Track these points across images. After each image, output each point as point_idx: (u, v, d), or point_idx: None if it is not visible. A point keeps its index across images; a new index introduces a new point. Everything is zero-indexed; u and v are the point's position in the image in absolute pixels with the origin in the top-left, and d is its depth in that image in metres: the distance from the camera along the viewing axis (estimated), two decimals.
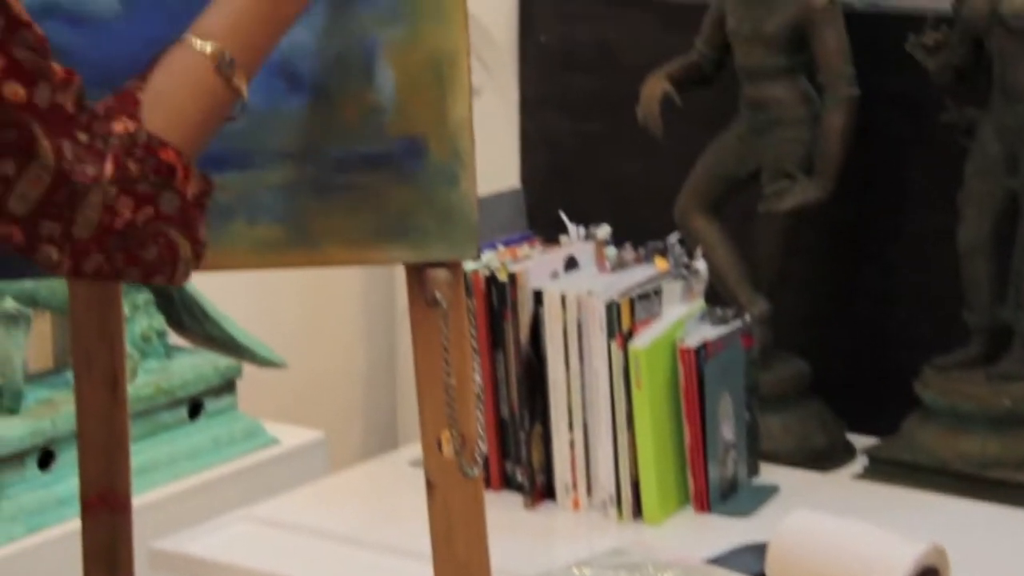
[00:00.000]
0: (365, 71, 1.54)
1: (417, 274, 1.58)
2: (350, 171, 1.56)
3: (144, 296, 2.64)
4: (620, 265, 2.55)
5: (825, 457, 2.64)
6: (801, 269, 2.75)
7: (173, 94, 1.30)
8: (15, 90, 1.19)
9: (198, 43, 1.32)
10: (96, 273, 1.27)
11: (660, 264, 2.55)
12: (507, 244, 2.60)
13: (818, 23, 2.59)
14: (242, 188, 1.55)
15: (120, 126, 1.26)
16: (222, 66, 1.32)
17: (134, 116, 1.27)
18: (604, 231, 2.59)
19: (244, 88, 1.34)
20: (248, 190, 1.55)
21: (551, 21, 3.00)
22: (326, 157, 1.55)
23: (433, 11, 1.54)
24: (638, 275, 2.52)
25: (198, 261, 1.33)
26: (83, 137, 1.24)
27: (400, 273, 1.67)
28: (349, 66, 1.54)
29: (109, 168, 1.24)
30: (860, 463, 2.63)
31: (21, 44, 1.19)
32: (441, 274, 1.58)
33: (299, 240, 1.56)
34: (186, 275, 1.34)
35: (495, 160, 2.94)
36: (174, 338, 2.69)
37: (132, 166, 1.25)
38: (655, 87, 2.69)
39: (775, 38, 2.61)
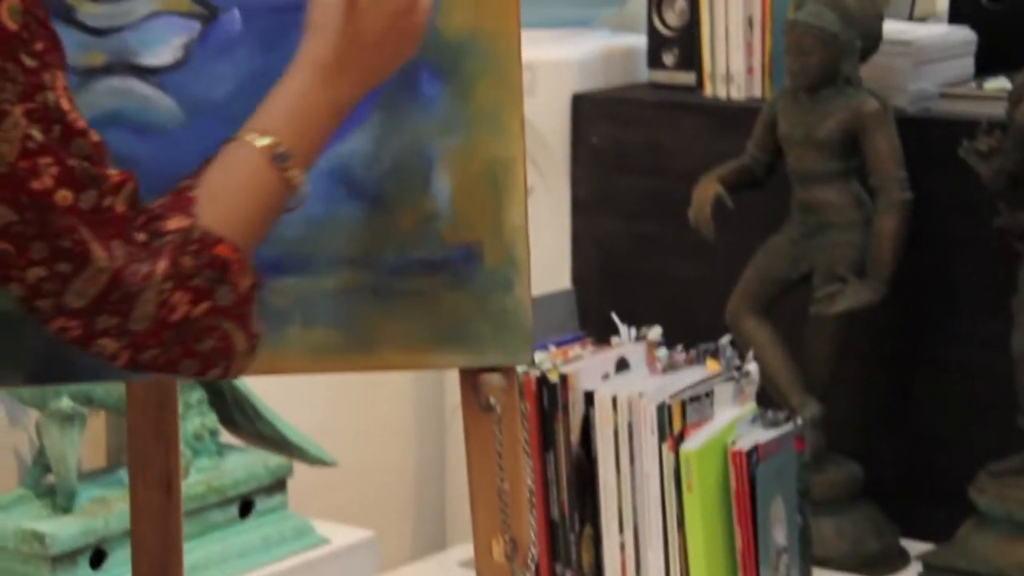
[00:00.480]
0: (422, 179, 1.56)
1: (471, 379, 1.59)
2: (406, 277, 1.57)
3: (197, 395, 2.65)
4: (671, 367, 2.55)
5: (879, 563, 2.62)
6: (853, 372, 2.74)
7: (227, 189, 1.32)
8: (64, 195, 1.22)
9: (252, 137, 1.33)
10: (152, 364, 1.28)
11: (711, 366, 2.54)
12: (558, 345, 2.60)
13: (870, 128, 2.60)
14: (299, 293, 1.56)
15: (174, 223, 1.28)
16: (276, 159, 1.33)
17: (188, 213, 1.29)
18: (655, 332, 2.59)
19: (299, 179, 1.35)
20: (305, 295, 1.56)
21: (603, 123, 3.02)
22: (383, 263, 1.56)
23: (490, 120, 1.56)
24: (689, 377, 2.51)
25: (253, 353, 1.34)
26: (141, 236, 1.26)
27: (450, 373, 1.67)
28: (407, 174, 1.55)
29: (163, 266, 1.25)
30: (914, 569, 2.61)
31: (76, 152, 1.22)
32: (495, 379, 1.58)
33: (355, 345, 1.57)
34: (241, 368, 1.35)
35: (547, 260, 2.95)
36: (225, 436, 2.70)
37: (187, 262, 1.27)
38: (707, 189, 2.70)
39: (827, 142, 2.62)
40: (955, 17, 2.95)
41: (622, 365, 2.56)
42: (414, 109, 1.55)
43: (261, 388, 2.66)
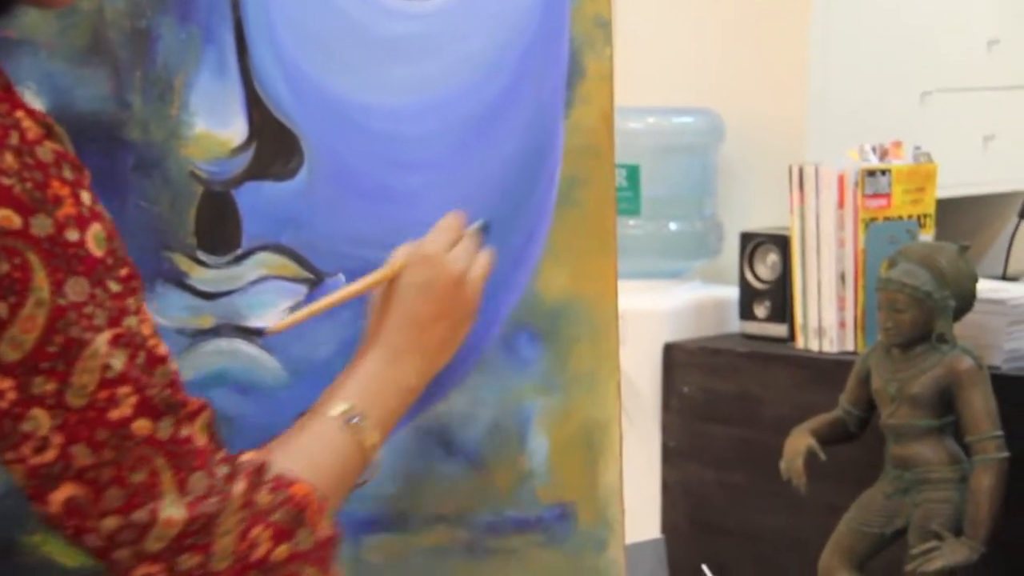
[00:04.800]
0: (518, 439, 1.57)
1: None
2: (501, 535, 1.57)
3: None
4: None
5: None
6: None
7: (302, 447, 1.34)
8: (142, 425, 1.22)
9: (326, 407, 1.37)
10: None
11: None
12: None
13: (965, 385, 2.59)
14: (394, 550, 1.56)
15: (247, 456, 1.29)
16: (350, 423, 1.36)
17: (261, 454, 1.30)
18: None
19: (373, 440, 1.38)
20: (400, 552, 1.56)
21: (694, 372, 3.04)
22: (477, 521, 1.57)
23: (586, 382, 1.58)
24: None
25: None
26: (223, 470, 1.26)
27: None
28: (503, 434, 1.57)
29: (239, 488, 1.25)
30: None
31: (158, 380, 1.23)
32: None
33: None
34: None
35: (636, 509, 2.93)
36: None
37: (263, 497, 1.27)
38: (799, 442, 2.69)
39: (921, 399, 2.61)
40: None
41: None
42: (512, 371, 1.57)
43: None
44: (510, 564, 1.57)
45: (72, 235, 1.19)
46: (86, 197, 1.21)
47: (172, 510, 1.23)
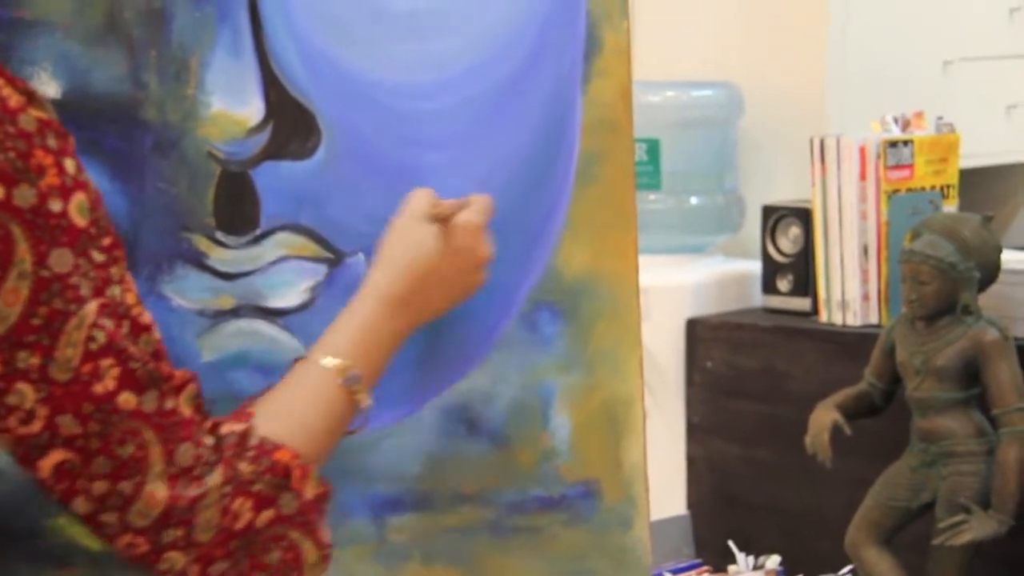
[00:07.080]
0: (542, 416, 1.57)
1: None
2: (525, 514, 1.57)
3: None
4: None
5: None
6: None
7: (293, 403, 1.34)
8: (127, 398, 1.22)
9: (323, 359, 1.36)
10: None
11: None
12: (674, 572, 2.58)
13: (991, 357, 2.58)
14: (419, 530, 1.56)
15: (227, 427, 1.29)
16: (347, 380, 1.36)
17: (242, 419, 1.31)
18: (773, 561, 2.56)
19: (367, 401, 1.37)
20: (425, 532, 1.56)
21: (717, 348, 3.03)
22: (501, 500, 1.57)
23: (608, 359, 1.57)
24: None
25: (324, 564, 1.34)
26: (208, 440, 1.27)
27: None
28: (526, 412, 1.56)
29: (219, 470, 1.26)
30: None
31: (142, 348, 1.23)
32: None
33: None
34: None
35: (662, 485, 2.93)
36: None
37: (245, 467, 1.28)
38: (824, 416, 2.68)
39: (946, 371, 2.60)
40: None
41: None
42: (533, 348, 1.56)
43: None
44: (535, 542, 1.57)
45: (55, 205, 1.19)
46: (70, 165, 1.20)
47: (156, 485, 1.23)
